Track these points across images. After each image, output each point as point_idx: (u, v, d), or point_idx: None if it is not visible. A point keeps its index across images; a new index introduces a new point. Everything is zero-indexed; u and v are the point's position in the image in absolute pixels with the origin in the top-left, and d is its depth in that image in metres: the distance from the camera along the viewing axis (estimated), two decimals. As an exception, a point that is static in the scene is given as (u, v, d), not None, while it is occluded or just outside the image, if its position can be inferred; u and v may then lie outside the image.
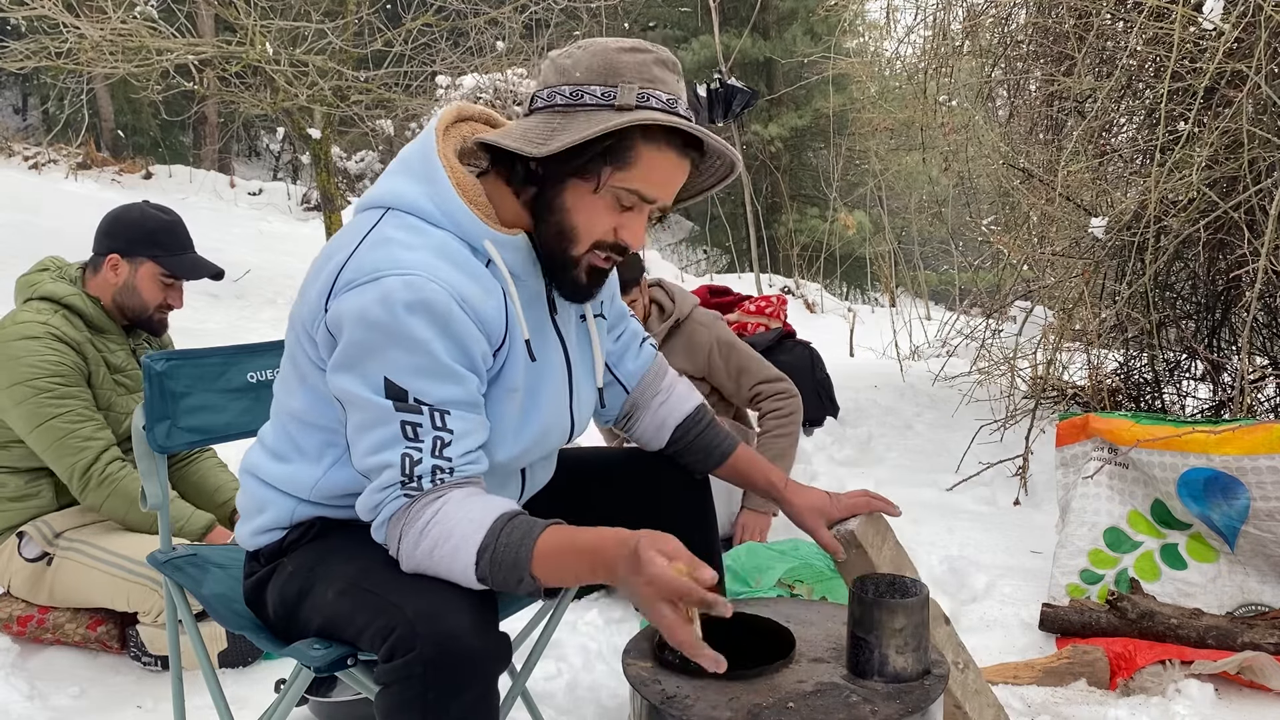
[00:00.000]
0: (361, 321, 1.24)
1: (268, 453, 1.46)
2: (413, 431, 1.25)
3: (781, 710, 1.21)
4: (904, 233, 9.79)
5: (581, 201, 1.32)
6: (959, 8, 4.20)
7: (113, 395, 2.41)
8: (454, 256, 1.30)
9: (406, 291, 1.23)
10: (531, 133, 1.31)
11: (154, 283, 2.44)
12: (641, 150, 1.30)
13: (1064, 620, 2.32)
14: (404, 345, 1.24)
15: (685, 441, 1.65)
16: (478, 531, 1.22)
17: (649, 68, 1.30)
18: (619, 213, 1.33)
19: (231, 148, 18.03)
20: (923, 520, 3.10)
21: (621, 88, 1.29)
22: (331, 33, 7.43)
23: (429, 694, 1.15)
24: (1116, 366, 3.92)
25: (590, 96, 1.29)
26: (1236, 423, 2.32)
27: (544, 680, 2.17)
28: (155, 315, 2.48)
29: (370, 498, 1.28)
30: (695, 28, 16.15)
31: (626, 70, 1.30)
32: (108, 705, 2.21)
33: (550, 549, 1.21)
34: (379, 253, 1.28)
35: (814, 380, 4.43)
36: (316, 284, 1.32)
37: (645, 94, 1.29)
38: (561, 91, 1.31)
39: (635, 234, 1.35)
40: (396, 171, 1.38)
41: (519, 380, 1.37)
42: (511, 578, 1.21)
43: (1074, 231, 4.01)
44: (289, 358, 1.40)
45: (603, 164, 1.30)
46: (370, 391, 1.25)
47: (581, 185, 1.32)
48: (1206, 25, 2.81)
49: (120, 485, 2.31)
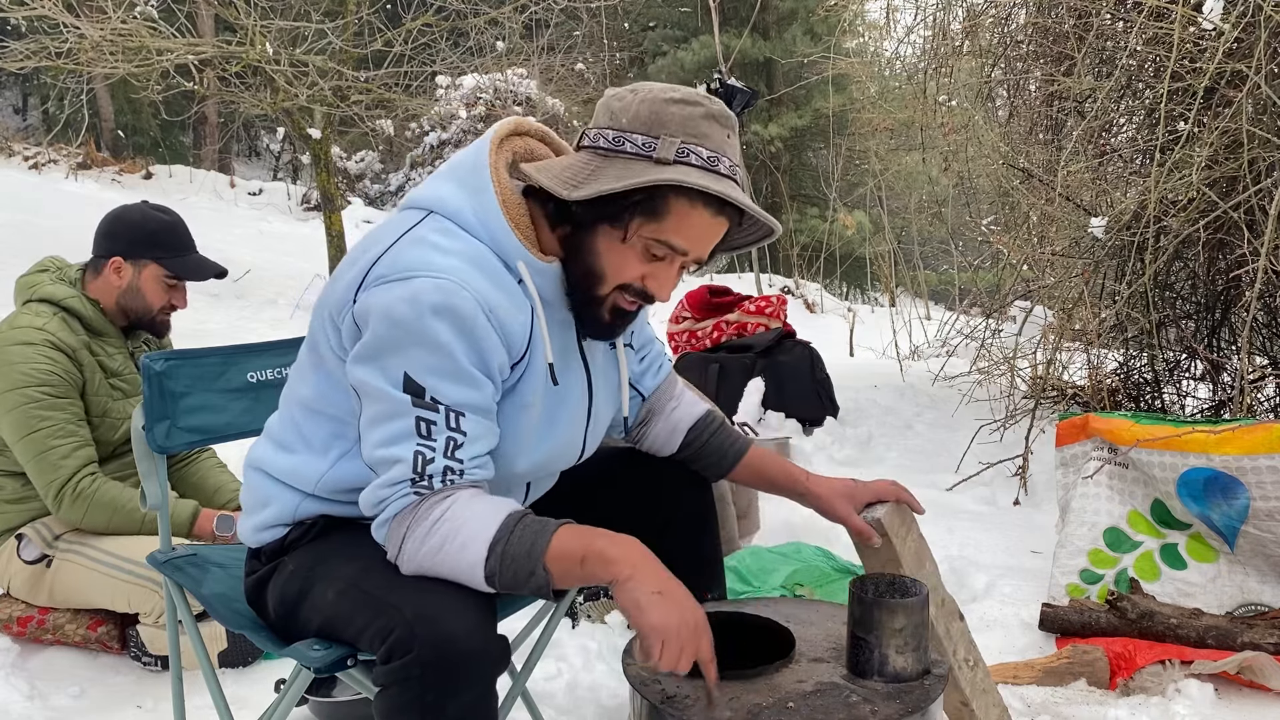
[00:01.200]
0: (387, 317, 1.25)
1: (274, 444, 1.46)
2: (426, 429, 1.25)
3: (781, 710, 1.22)
4: (904, 233, 9.79)
5: (611, 248, 1.32)
6: (959, 8, 4.20)
7: (108, 400, 2.39)
8: (487, 267, 1.31)
9: (436, 294, 1.24)
10: (568, 172, 1.32)
11: (158, 284, 2.42)
12: (673, 205, 1.29)
13: (1064, 620, 2.32)
14: (426, 345, 1.24)
15: (699, 445, 1.65)
16: (489, 527, 1.22)
17: (695, 122, 1.29)
18: (648, 262, 1.33)
19: (231, 148, 18.04)
20: (923, 520, 3.10)
21: (663, 140, 1.28)
22: (331, 33, 7.43)
23: (427, 695, 1.15)
24: (1116, 366, 3.92)
25: (631, 145, 1.29)
26: (1236, 423, 2.32)
27: (544, 680, 2.17)
28: (159, 317, 2.46)
29: (375, 493, 1.27)
30: (695, 28, 16.16)
31: (671, 122, 1.28)
32: (108, 705, 2.21)
33: (564, 545, 1.21)
34: (414, 252, 1.28)
35: (813, 380, 4.44)
36: (349, 273, 1.32)
37: (686, 149, 1.27)
38: (606, 135, 1.31)
39: (663, 285, 1.35)
40: (445, 176, 1.38)
41: (534, 398, 1.37)
42: (522, 572, 1.21)
43: (1074, 231, 4.01)
44: (309, 343, 1.41)
45: (633, 215, 1.29)
46: (389, 385, 1.25)
47: (612, 231, 1.31)
48: (1206, 25, 2.81)
49: (95, 498, 2.27)
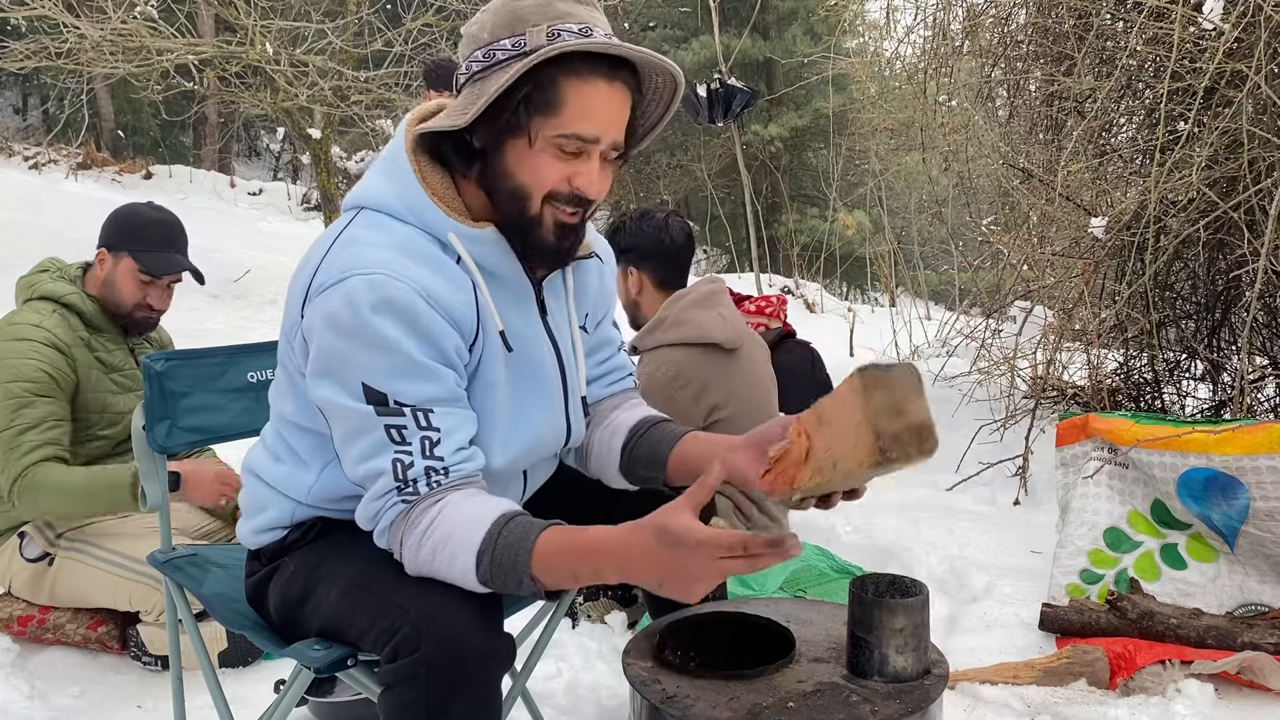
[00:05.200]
0: (331, 326, 1.23)
1: (268, 453, 1.46)
2: (399, 435, 1.23)
3: (781, 710, 1.21)
4: (904, 233, 9.78)
5: (522, 159, 1.27)
6: (959, 8, 4.20)
7: (108, 395, 2.40)
8: (418, 252, 1.28)
9: (370, 292, 1.22)
10: (456, 109, 1.28)
11: (131, 279, 2.39)
12: (564, 90, 1.24)
13: (1064, 620, 2.32)
14: (375, 347, 1.22)
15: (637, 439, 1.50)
16: (476, 535, 1.20)
17: (552, 4, 1.24)
18: (565, 161, 1.27)
19: (231, 148, 18.02)
20: (923, 520, 3.11)
21: (529, 33, 1.23)
22: (331, 33, 7.43)
23: (432, 695, 1.15)
24: (1116, 366, 3.91)
25: (501, 52, 1.25)
26: (1236, 423, 2.32)
27: (544, 680, 2.17)
28: (135, 313, 2.42)
29: (368, 507, 1.27)
30: (695, 28, 16.14)
31: (530, 14, 1.24)
32: (108, 705, 2.21)
33: (549, 550, 1.18)
34: (345, 254, 1.27)
35: (814, 380, 4.43)
36: (297, 287, 1.31)
37: (555, 30, 1.22)
38: (475, 59, 1.27)
39: (590, 180, 1.28)
40: (372, 170, 1.37)
41: (498, 374, 1.34)
42: (511, 581, 1.19)
43: (1074, 231, 4.01)
44: (280, 363, 1.40)
45: (530, 115, 1.24)
46: (350, 399, 1.23)
47: (517, 143, 1.27)
48: (1206, 25, 2.81)
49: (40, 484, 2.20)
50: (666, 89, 1.36)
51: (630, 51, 1.25)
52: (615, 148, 1.30)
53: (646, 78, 1.33)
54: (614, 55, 1.25)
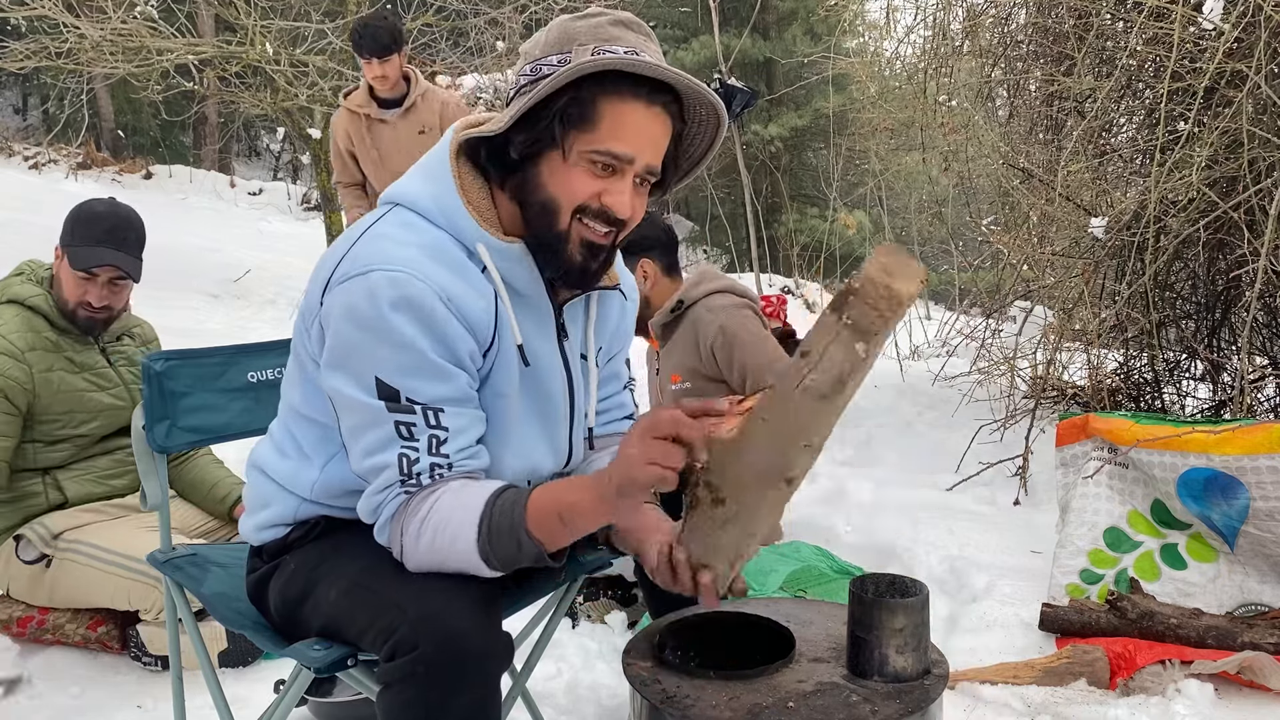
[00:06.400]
0: (349, 317, 1.24)
1: (275, 448, 1.47)
2: (408, 431, 1.25)
3: (781, 710, 1.22)
4: (904, 233, 9.77)
5: (555, 171, 1.28)
6: (959, 8, 4.20)
7: (81, 394, 2.38)
8: (444, 256, 1.29)
9: (391, 288, 1.23)
10: (501, 118, 1.30)
11: (70, 276, 2.34)
12: (601, 105, 1.25)
13: (1064, 620, 2.32)
14: (391, 343, 1.23)
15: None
16: (474, 511, 1.22)
17: (604, 28, 1.26)
18: (598, 178, 1.28)
19: (231, 148, 18.01)
20: (923, 520, 3.10)
21: (575, 50, 1.25)
22: (331, 33, 7.43)
23: (431, 694, 1.16)
24: (1116, 366, 3.91)
25: (547, 67, 1.26)
26: (1236, 423, 2.32)
27: (544, 680, 2.17)
28: (78, 311, 2.37)
29: (370, 500, 1.28)
30: (695, 28, 16.12)
31: (581, 34, 1.26)
32: (108, 705, 2.21)
33: (541, 503, 1.21)
34: (371, 247, 1.28)
35: (814, 380, 4.43)
36: (320, 276, 1.32)
37: (600, 50, 1.24)
38: (524, 72, 1.29)
39: (621, 199, 1.28)
40: (414, 169, 1.38)
41: (510, 388, 1.35)
42: (510, 543, 1.21)
43: (1074, 231, 4.01)
44: (294, 351, 1.41)
45: (566, 128, 1.25)
46: (362, 392, 1.25)
47: (552, 155, 1.28)
48: (1206, 25, 2.81)
49: None
50: (711, 122, 1.35)
51: (672, 76, 1.25)
52: (650, 172, 1.31)
53: (690, 107, 1.33)
54: (657, 81, 1.26)
